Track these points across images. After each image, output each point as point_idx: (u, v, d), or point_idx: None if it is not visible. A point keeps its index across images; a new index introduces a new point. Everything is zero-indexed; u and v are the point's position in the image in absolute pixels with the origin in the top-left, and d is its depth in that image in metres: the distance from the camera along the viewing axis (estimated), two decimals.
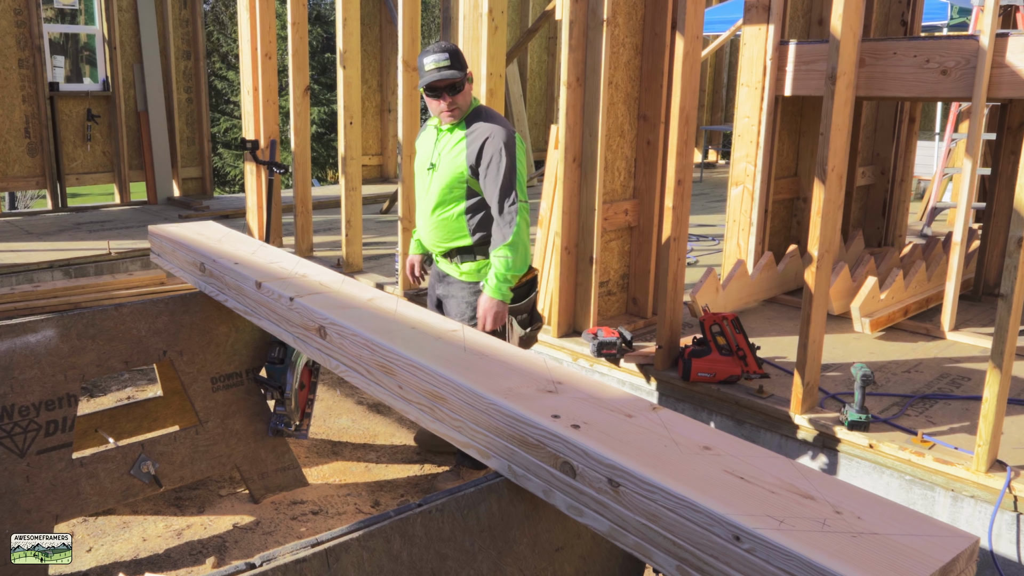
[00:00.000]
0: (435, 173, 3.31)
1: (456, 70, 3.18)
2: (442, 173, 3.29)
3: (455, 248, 3.39)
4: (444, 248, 3.41)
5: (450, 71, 3.17)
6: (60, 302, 5.58)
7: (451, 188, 3.28)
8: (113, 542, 3.21)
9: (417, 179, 3.45)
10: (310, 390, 3.60)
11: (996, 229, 5.24)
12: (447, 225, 3.35)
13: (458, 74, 3.18)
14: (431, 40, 23.43)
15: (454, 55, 3.20)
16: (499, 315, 3.24)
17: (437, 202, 3.33)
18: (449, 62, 3.17)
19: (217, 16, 23.25)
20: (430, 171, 3.33)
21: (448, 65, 3.17)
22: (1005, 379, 2.89)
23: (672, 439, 1.86)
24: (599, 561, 2.23)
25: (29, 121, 7.83)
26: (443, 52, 3.19)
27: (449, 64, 3.17)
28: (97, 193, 13.38)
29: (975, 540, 1.51)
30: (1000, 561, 2.95)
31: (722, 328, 3.80)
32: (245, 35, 6.63)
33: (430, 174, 3.33)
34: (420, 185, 3.42)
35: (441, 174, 3.29)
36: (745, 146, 5.18)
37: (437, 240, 3.41)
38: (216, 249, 3.49)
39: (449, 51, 3.19)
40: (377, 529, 1.78)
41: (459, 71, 3.19)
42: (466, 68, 3.24)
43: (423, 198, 3.41)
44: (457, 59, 3.20)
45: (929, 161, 10.47)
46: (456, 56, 3.20)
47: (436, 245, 3.44)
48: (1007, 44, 4.10)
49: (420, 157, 3.44)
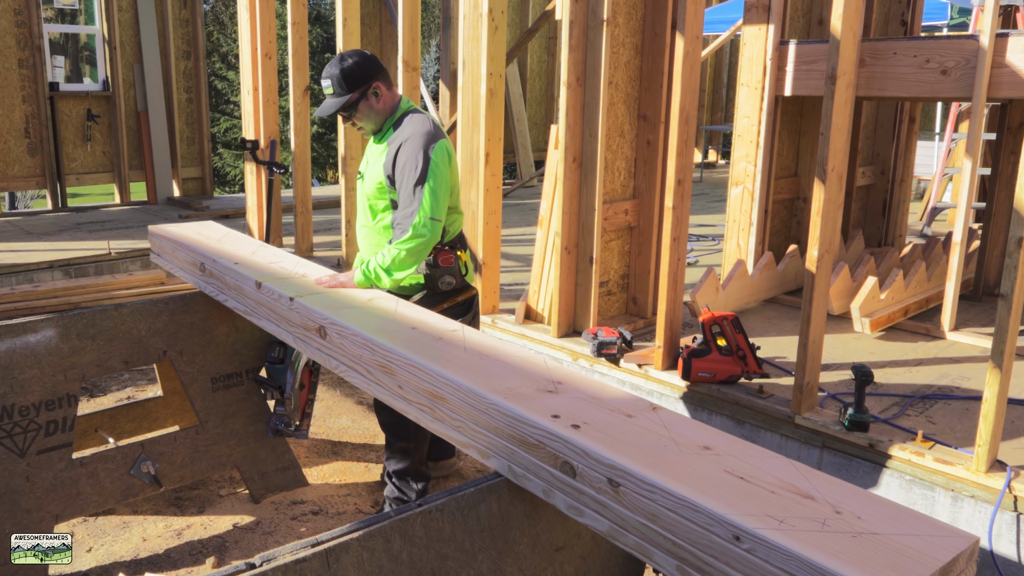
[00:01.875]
0: (362, 183, 3.19)
1: (339, 96, 3.00)
2: (367, 182, 3.15)
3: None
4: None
5: (332, 99, 3.02)
6: (60, 302, 5.58)
7: (375, 198, 3.14)
8: (113, 542, 3.21)
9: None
10: (310, 390, 3.60)
11: (996, 229, 5.24)
12: (373, 238, 3.20)
13: (337, 103, 3.00)
14: (431, 40, 23.41)
15: (337, 80, 2.99)
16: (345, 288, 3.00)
17: (366, 212, 3.19)
18: (332, 88, 3.01)
19: (217, 16, 23.25)
20: (359, 181, 3.21)
21: (331, 92, 3.02)
22: (1005, 379, 2.89)
23: (672, 439, 1.86)
24: (599, 561, 2.23)
25: (29, 121, 7.83)
26: (327, 78, 3.01)
27: (332, 91, 3.02)
28: (97, 193, 13.38)
29: (975, 540, 1.51)
30: (1000, 561, 2.95)
31: (722, 328, 3.80)
32: (245, 35, 6.63)
33: (360, 184, 3.21)
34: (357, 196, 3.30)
35: (366, 184, 3.15)
36: (745, 146, 5.18)
37: (365, 251, 3.26)
38: (216, 249, 3.49)
39: (332, 76, 2.99)
40: (377, 529, 1.78)
41: (342, 96, 3.00)
42: (359, 87, 3.00)
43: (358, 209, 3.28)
44: (341, 84, 2.99)
45: (929, 161, 10.47)
46: (340, 80, 2.99)
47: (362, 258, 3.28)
48: (1007, 44, 4.10)
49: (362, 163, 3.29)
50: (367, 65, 3.03)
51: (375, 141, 3.19)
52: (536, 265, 4.69)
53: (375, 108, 3.07)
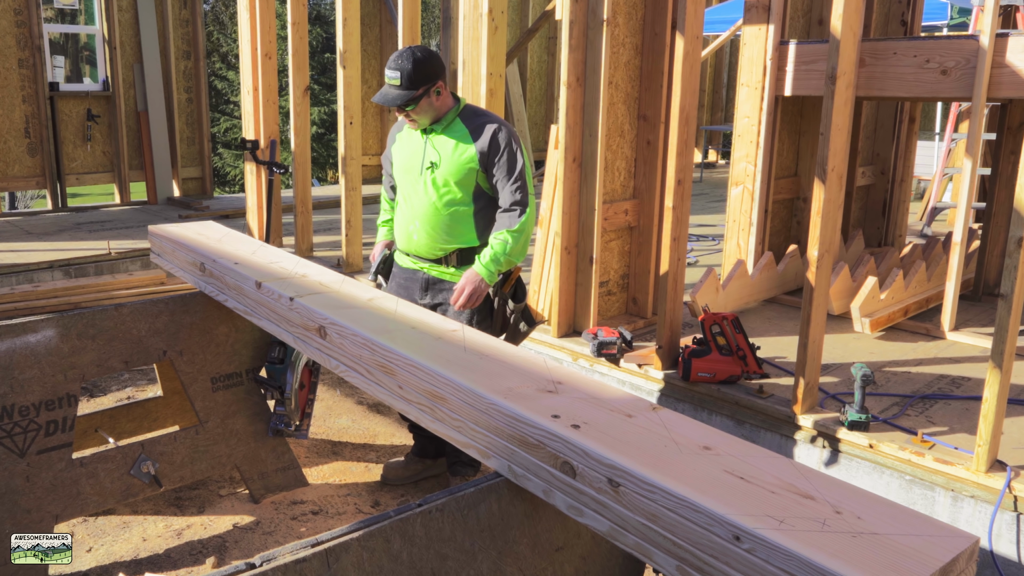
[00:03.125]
0: (437, 171, 3.22)
1: (407, 90, 3.07)
2: (448, 170, 3.19)
3: (457, 250, 3.28)
4: (444, 250, 3.28)
5: (398, 91, 3.09)
6: (60, 302, 5.58)
7: (460, 186, 3.20)
8: (113, 542, 3.21)
9: (405, 181, 3.33)
10: (310, 390, 3.60)
11: (996, 229, 5.24)
12: (451, 225, 3.25)
13: (404, 96, 3.08)
14: (431, 40, 23.40)
15: (407, 75, 3.06)
16: (478, 293, 3.16)
17: (442, 201, 3.22)
18: (399, 81, 3.08)
19: (217, 16, 23.25)
20: (429, 170, 3.23)
21: (398, 85, 3.09)
22: (1005, 379, 2.89)
23: (672, 439, 1.86)
24: (599, 561, 2.23)
25: (29, 121, 7.83)
26: (396, 70, 3.08)
27: (399, 84, 3.08)
28: (97, 193, 13.38)
29: (975, 540, 1.51)
30: (1000, 561, 2.95)
31: (722, 328, 3.80)
32: (245, 35, 6.63)
33: (429, 173, 3.23)
34: (410, 187, 3.30)
35: (447, 171, 3.20)
36: (745, 146, 5.18)
37: (436, 242, 3.28)
38: (216, 249, 3.49)
39: (402, 70, 3.07)
40: (377, 529, 1.78)
41: (409, 91, 3.08)
42: (425, 84, 3.10)
43: (415, 200, 3.28)
44: (411, 79, 3.07)
45: (929, 161, 10.47)
46: (411, 76, 3.07)
47: (433, 248, 3.29)
48: (1007, 44, 4.10)
49: (406, 158, 3.31)
50: (436, 63, 3.17)
51: (440, 130, 3.23)
52: (536, 265, 4.69)
53: (434, 105, 3.18)
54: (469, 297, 3.16)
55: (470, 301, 3.17)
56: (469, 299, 3.16)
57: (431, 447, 3.66)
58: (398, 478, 3.68)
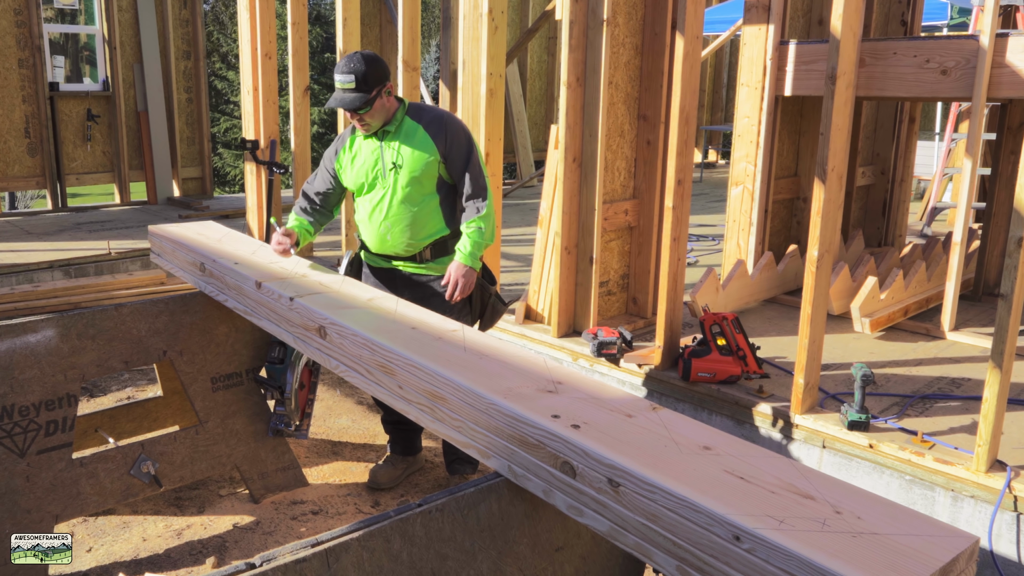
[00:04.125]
0: (401, 171, 3.25)
1: (361, 92, 3.11)
2: (412, 167, 3.24)
3: (431, 243, 3.33)
4: (420, 245, 3.33)
5: (353, 94, 3.11)
6: (60, 302, 5.58)
7: (425, 180, 3.26)
8: (113, 542, 3.21)
9: (367, 188, 3.33)
10: (310, 390, 3.60)
11: (996, 229, 5.24)
12: (423, 219, 3.30)
13: (361, 98, 3.11)
14: (431, 40, 23.41)
15: (361, 78, 3.10)
16: (469, 282, 3.25)
17: (411, 198, 3.27)
18: (354, 84, 3.11)
19: (217, 16, 23.24)
20: (393, 171, 3.26)
21: (352, 88, 3.11)
22: (1005, 379, 2.89)
23: (672, 439, 1.86)
24: (599, 561, 2.23)
25: (29, 121, 7.83)
26: (349, 73, 3.11)
27: (353, 87, 3.11)
28: (97, 193, 13.37)
29: (975, 540, 1.51)
30: (1000, 561, 2.95)
31: (722, 328, 3.80)
32: (245, 35, 6.63)
33: (393, 174, 3.26)
34: (374, 192, 3.32)
35: (411, 169, 3.24)
36: (745, 146, 5.18)
37: (411, 238, 3.32)
38: (216, 249, 3.49)
39: (356, 73, 3.10)
40: (377, 529, 1.78)
41: (364, 93, 3.11)
42: (377, 85, 3.13)
43: (383, 203, 3.30)
44: (365, 81, 3.10)
45: (929, 161, 10.47)
46: (365, 77, 3.10)
47: (409, 245, 3.33)
48: (1007, 44, 4.10)
49: (364, 166, 3.32)
50: (383, 65, 3.24)
51: (392, 133, 3.27)
52: (536, 265, 4.69)
53: (386, 106, 3.24)
54: (462, 288, 3.25)
55: (463, 291, 3.26)
56: (462, 289, 3.26)
57: (411, 445, 3.73)
58: (391, 480, 3.69)
